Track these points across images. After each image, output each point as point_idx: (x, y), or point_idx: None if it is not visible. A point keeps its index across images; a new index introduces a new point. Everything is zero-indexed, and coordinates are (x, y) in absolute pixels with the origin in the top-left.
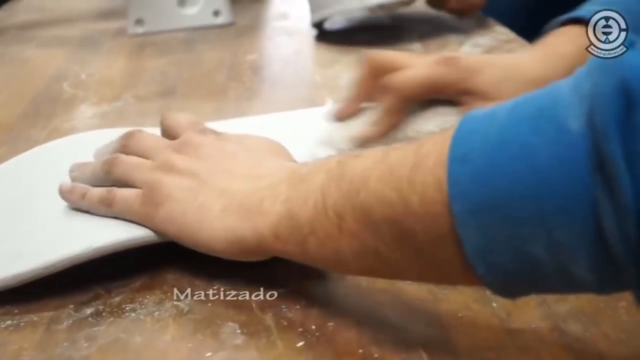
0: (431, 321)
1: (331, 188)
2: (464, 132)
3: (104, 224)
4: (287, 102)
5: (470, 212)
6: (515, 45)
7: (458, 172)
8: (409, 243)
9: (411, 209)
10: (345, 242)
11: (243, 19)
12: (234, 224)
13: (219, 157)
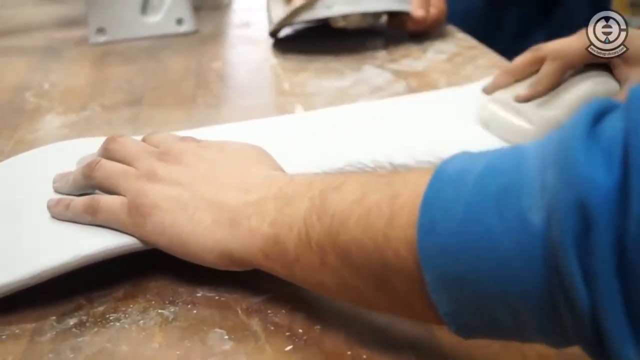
0: (416, 321)
1: (313, 220)
2: (433, 196)
3: (89, 231)
4: (256, 110)
5: (439, 281)
6: (477, 52)
7: (426, 242)
8: (387, 289)
9: (387, 263)
10: (328, 275)
11: (206, 27)
12: (224, 237)
13: (203, 165)
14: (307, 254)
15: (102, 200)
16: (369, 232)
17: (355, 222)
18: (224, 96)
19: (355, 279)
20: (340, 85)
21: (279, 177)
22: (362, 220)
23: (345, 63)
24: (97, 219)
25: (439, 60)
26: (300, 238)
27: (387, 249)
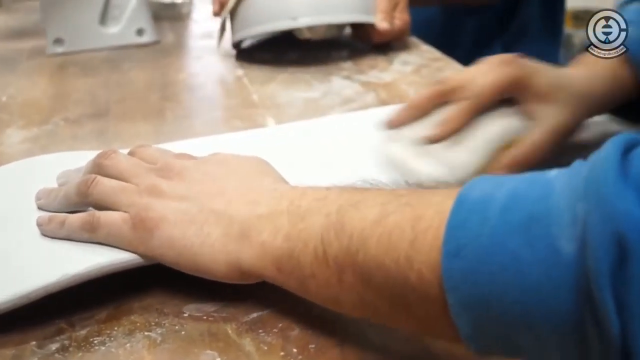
0: (410, 337)
1: (331, 238)
2: (458, 222)
3: (77, 249)
4: (227, 122)
5: (463, 305)
6: (442, 64)
7: (451, 267)
8: (407, 309)
9: (409, 285)
10: (344, 292)
11: (167, 38)
12: (235, 249)
13: (207, 180)
14: (324, 271)
15: (102, 216)
16: (390, 253)
17: (376, 243)
18: (193, 108)
19: (374, 297)
20: (310, 96)
21: (289, 190)
22: (384, 241)
23: (312, 74)
24: (96, 236)
25: (406, 72)
26: (317, 254)
27: (409, 271)
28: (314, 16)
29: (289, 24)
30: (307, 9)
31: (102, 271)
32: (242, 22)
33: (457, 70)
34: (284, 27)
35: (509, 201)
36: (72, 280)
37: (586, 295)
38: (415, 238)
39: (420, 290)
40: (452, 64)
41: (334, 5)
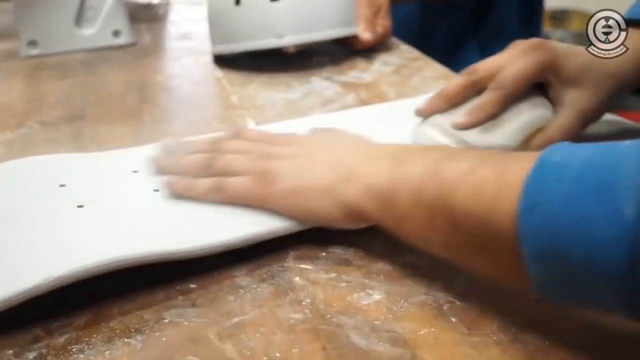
0: (395, 340)
1: (427, 183)
2: (536, 180)
3: (60, 251)
4: (206, 124)
5: (535, 256)
6: (422, 63)
7: (527, 220)
8: (487, 253)
9: (491, 230)
10: (434, 234)
11: (144, 39)
12: (344, 192)
13: (313, 142)
14: (417, 213)
15: (228, 180)
16: (477, 202)
17: (465, 192)
18: (172, 110)
19: (460, 240)
20: (290, 97)
21: (391, 144)
22: (471, 190)
23: (292, 75)
24: (224, 196)
25: (386, 72)
26: (413, 197)
27: (491, 219)
28: (300, 34)
29: (276, 42)
30: (291, 26)
31: (87, 272)
32: (226, 36)
33: (438, 70)
34: (271, 46)
35: (584, 167)
36: (55, 283)
37: (636, 261)
38: (499, 191)
39: (500, 237)
40: (432, 64)
41: (318, 22)
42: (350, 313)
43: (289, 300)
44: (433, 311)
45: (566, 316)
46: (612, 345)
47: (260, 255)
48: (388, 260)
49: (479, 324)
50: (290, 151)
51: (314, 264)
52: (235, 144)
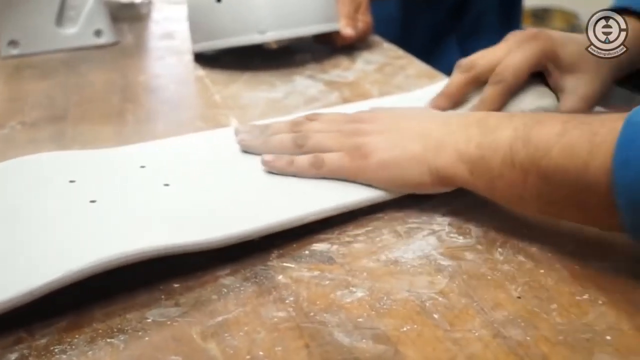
0: (378, 337)
1: (518, 146)
2: (627, 137)
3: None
4: (190, 123)
5: (630, 205)
6: (405, 61)
7: (621, 174)
8: (579, 203)
9: (585, 186)
10: (527, 190)
11: (126, 39)
12: (434, 159)
13: (396, 117)
14: (510, 172)
15: (325, 156)
16: (571, 160)
17: (559, 151)
18: (155, 110)
19: (554, 196)
20: (273, 96)
21: (473, 112)
22: (566, 150)
23: (275, 74)
24: (322, 172)
25: (369, 71)
26: (505, 160)
27: (586, 175)
28: (281, 30)
29: (258, 38)
30: (273, 21)
31: (107, 265)
32: (206, 33)
33: (421, 68)
34: (253, 42)
35: None
36: (76, 276)
37: None
38: (591, 149)
39: (594, 191)
40: (415, 62)
41: (300, 17)
42: (333, 311)
43: (272, 298)
44: (416, 308)
45: (548, 312)
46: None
47: (243, 255)
48: (371, 258)
49: (461, 320)
50: (377, 127)
51: (297, 263)
52: (318, 124)
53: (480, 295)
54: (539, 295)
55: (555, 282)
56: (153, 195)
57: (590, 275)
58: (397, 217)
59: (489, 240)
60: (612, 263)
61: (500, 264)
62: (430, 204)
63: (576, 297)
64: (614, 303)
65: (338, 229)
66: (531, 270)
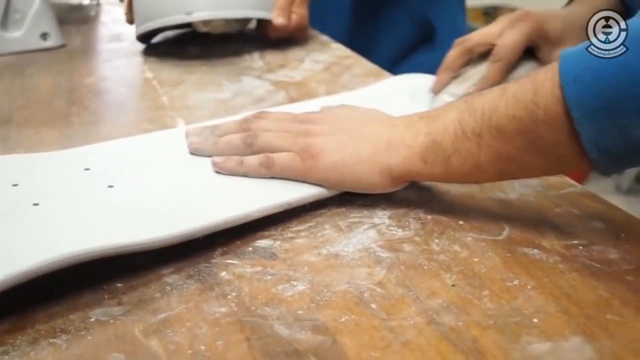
0: (317, 328)
1: (466, 118)
2: (568, 63)
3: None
4: (136, 125)
5: (585, 115)
6: (352, 61)
7: (572, 90)
8: (536, 145)
9: (539, 120)
10: (483, 154)
11: (73, 42)
12: (386, 159)
13: (345, 118)
14: (464, 143)
15: (275, 156)
16: (519, 106)
17: (505, 104)
18: (101, 112)
19: (510, 148)
20: (221, 96)
21: (414, 113)
22: (511, 101)
23: (223, 75)
24: (272, 171)
25: (316, 70)
26: (456, 134)
27: (537, 111)
28: (208, 11)
29: (183, 18)
30: (203, 4)
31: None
32: (141, 16)
33: (367, 67)
34: (178, 21)
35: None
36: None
37: None
38: (536, 89)
39: (548, 120)
40: (361, 61)
41: (230, 2)
42: (274, 304)
43: (215, 295)
44: (354, 299)
45: (480, 298)
46: (521, 322)
47: (188, 253)
48: (312, 253)
49: (397, 309)
50: (327, 128)
51: (241, 259)
52: (267, 122)
53: (417, 285)
54: (472, 282)
55: (488, 269)
56: (96, 197)
57: (521, 262)
58: (339, 212)
59: (426, 231)
60: (542, 250)
61: (436, 254)
62: (371, 199)
63: (507, 283)
64: (542, 288)
65: (282, 225)
66: (465, 259)
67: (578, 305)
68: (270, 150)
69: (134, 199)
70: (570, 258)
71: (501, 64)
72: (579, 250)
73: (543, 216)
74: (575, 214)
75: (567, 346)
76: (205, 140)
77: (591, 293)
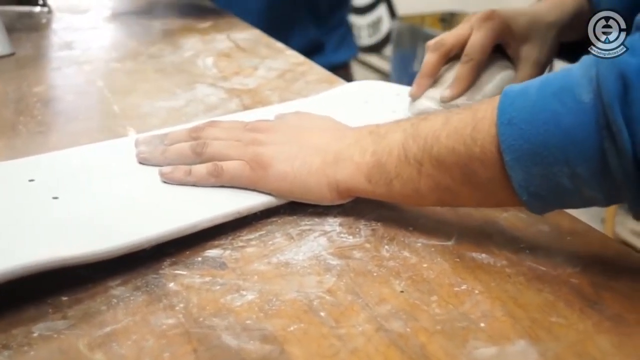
0: (265, 338)
1: (410, 143)
2: (507, 103)
3: None
4: (86, 135)
5: (516, 159)
6: (306, 68)
7: (506, 133)
8: (472, 180)
9: (474, 157)
10: (423, 182)
11: (23, 50)
12: (333, 173)
13: (295, 128)
14: (406, 169)
15: (224, 165)
16: (458, 140)
17: (446, 136)
18: (50, 122)
19: (447, 179)
20: (173, 105)
21: (365, 125)
22: (452, 133)
23: (176, 83)
24: (221, 180)
25: (270, 77)
26: (400, 158)
27: (474, 147)
28: None
29: None
30: None
31: None
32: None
33: (320, 74)
34: None
35: (542, 84)
36: None
37: (604, 124)
38: (475, 125)
39: (483, 158)
40: (316, 69)
41: None
42: (222, 315)
43: (162, 306)
44: (303, 307)
45: (429, 303)
46: (468, 327)
47: (135, 264)
48: (262, 261)
49: (346, 317)
50: (277, 137)
51: (190, 269)
52: (217, 131)
53: (366, 292)
54: (420, 288)
55: (437, 275)
56: (40, 209)
57: (469, 267)
58: (291, 220)
59: (377, 238)
60: (490, 254)
61: (386, 261)
62: (323, 207)
63: (455, 289)
64: (489, 292)
65: (232, 234)
66: (415, 265)
67: (524, 308)
68: (220, 159)
69: (79, 210)
70: (517, 262)
71: (472, 63)
72: (525, 254)
73: (491, 221)
74: (522, 217)
75: (512, 350)
76: (155, 149)
77: (537, 296)
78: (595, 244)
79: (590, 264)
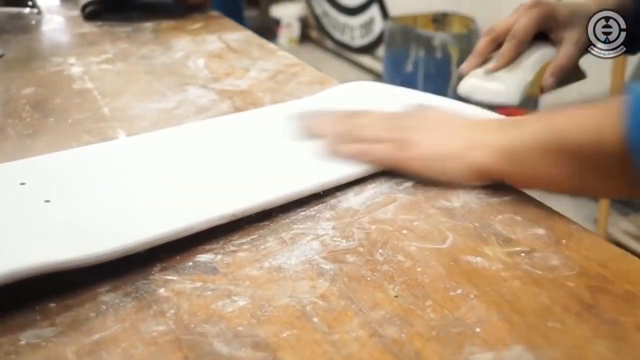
0: (257, 344)
1: (542, 134)
2: (636, 109)
3: None
4: (75, 138)
5: None
6: (298, 69)
7: (636, 136)
8: (602, 172)
9: (604, 154)
10: (555, 171)
11: (12, 52)
12: (472, 156)
13: (430, 118)
14: (542, 160)
15: (374, 146)
16: (589, 136)
17: (577, 130)
18: (39, 125)
19: (578, 172)
20: (163, 106)
21: (496, 117)
22: (582, 129)
23: (167, 84)
24: (371, 158)
25: (262, 79)
26: (536, 150)
27: (605, 144)
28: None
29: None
30: None
31: None
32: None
33: (313, 75)
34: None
35: None
36: None
37: None
38: (604, 125)
39: (613, 155)
40: (309, 69)
41: None
42: (214, 321)
43: (152, 313)
44: (296, 313)
45: (423, 308)
46: (464, 332)
47: (125, 270)
48: (254, 266)
49: (339, 322)
50: (418, 126)
51: (180, 275)
52: (366, 118)
53: (360, 297)
54: (415, 293)
55: (432, 279)
56: (32, 212)
57: (464, 271)
58: (283, 223)
59: (370, 241)
60: (485, 258)
61: (380, 265)
62: (315, 209)
63: (450, 293)
64: (484, 296)
65: (223, 238)
66: (409, 269)
67: (520, 313)
68: (369, 141)
69: (71, 213)
70: (513, 265)
71: (514, 41)
72: (521, 257)
73: (486, 223)
74: (517, 220)
75: (508, 355)
76: (314, 120)
77: (533, 300)
78: (591, 247)
79: (586, 267)
